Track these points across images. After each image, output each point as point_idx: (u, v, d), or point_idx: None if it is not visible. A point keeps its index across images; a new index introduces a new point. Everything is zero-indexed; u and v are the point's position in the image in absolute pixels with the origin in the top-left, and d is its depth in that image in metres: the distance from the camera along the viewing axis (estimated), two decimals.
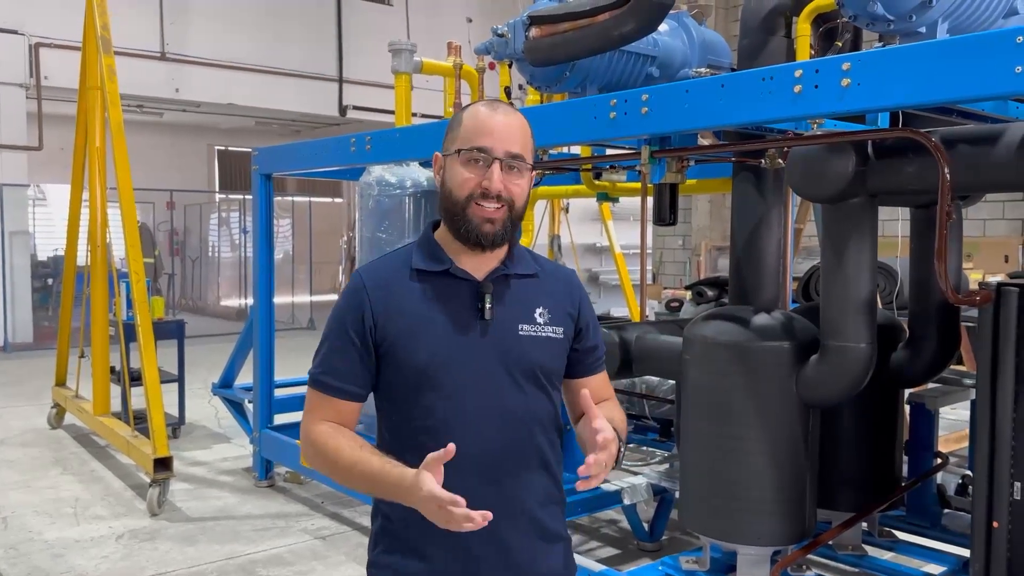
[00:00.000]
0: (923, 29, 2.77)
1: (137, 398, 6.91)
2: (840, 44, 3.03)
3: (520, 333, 1.70)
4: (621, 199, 5.90)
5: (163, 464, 5.00)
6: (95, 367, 6.36)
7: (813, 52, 3.08)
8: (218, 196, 18.30)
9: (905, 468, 3.86)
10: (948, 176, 2.36)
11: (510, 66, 4.01)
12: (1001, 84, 2.17)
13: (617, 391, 5.46)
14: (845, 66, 2.46)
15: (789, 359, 2.98)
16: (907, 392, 3.91)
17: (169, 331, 6.98)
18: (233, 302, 16.67)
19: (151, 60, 12.84)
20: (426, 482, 1.45)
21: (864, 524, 3.63)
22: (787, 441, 3.00)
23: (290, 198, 17.04)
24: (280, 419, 5.64)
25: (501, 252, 1.72)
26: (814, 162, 2.77)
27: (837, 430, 3.37)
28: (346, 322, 1.67)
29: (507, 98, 4.44)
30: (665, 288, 12.80)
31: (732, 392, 3.04)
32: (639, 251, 4.63)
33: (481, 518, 1.43)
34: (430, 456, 1.46)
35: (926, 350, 3.26)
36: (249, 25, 13.57)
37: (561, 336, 1.75)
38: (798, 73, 2.58)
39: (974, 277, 7.49)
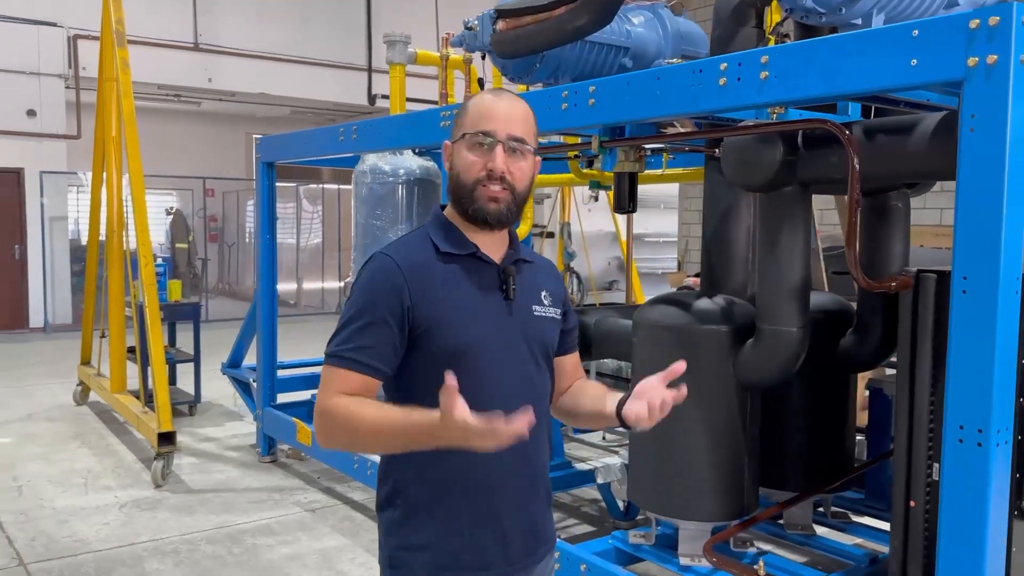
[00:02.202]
0: (858, 20, 2.84)
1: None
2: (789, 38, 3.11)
3: (535, 313, 1.79)
4: (651, 187, 5.98)
5: (167, 438, 5.26)
6: (112, 347, 6.66)
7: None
8: (255, 183, 18.71)
9: (866, 453, 3.94)
10: (856, 166, 2.45)
11: (483, 58, 4.13)
12: (897, 77, 2.26)
13: (604, 376, 5.60)
14: (763, 59, 2.56)
15: (727, 342, 3.08)
16: (867, 378, 3.99)
17: (186, 313, 7.27)
18: None
19: (184, 50, 13.18)
20: (465, 418, 1.41)
21: (821, 507, 3.72)
22: (725, 421, 3.11)
23: (321, 186, 17.33)
24: (284, 398, 5.89)
25: (506, 236, 1.79)
26: (744, 152, 2.86)
27: (786, 412, 3.46)
28: (379, 302, 1.65)
29: (480, 89, 4.56)
30: (688, 276, 12.80)
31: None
32: (669, 239, 4.67)
33: (525, 422, 1.43)
34: (445, 392, 1.41)
35: (872, 335, 3.33)
36: (279, 15, 13.84)
37: (559, 317, 1.86)
38: (723, 66, 2.67)
39: None
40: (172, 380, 7.57)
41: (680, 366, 1.66)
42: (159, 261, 7.41)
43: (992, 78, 2.06)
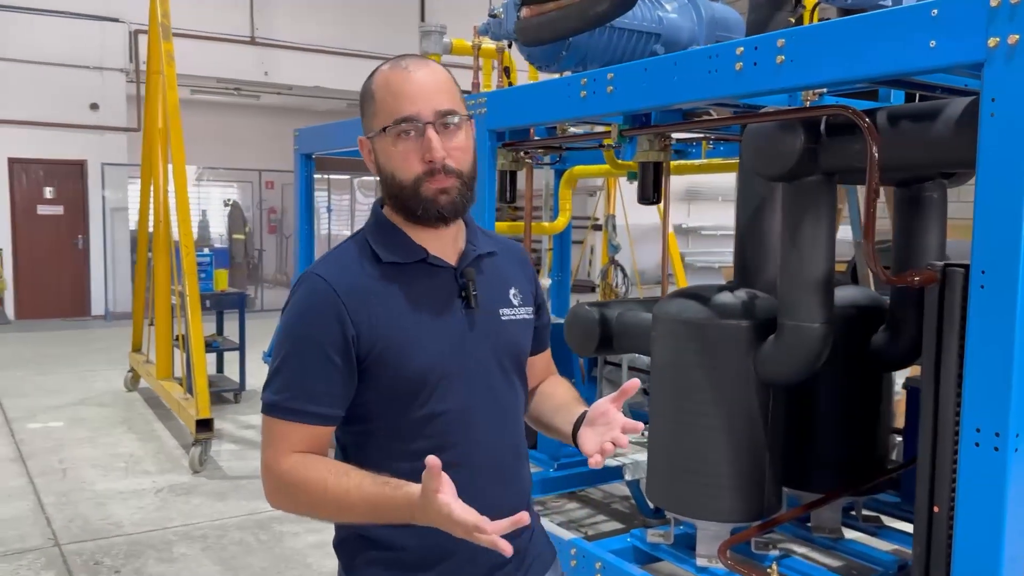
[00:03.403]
0: (888, 2, 2.72)
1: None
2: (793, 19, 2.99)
3: (503, 318, 1.56)
4: (707, 177, 5.86)
5: (205, 425, 5.34)
6: (158, 335, 6.81)
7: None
8: (316, 176, 19.00)
9: (902, 454, 3.79)
10: (876, 154, 2.33)
11: (509, 46, 4.08)
12: (916, 60, 2.14)
13: (638, 370, 5.51)
14: (780, 43, 2.45)
15: (747, 337, 2.98)
16: (905, 377, 3.84)
17: (232, 303, 7.39)
18: None
19: (242, 44, 13.43)
20: (451, 506, 1.25)
21: (853, 510, 3.59)
22: (745, 419, 3.01)
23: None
24: None
25: (461, 228, 1.55)
26: (764, 140, 2.76)
27: (814, 411, 3.34)
28: (317, 336, 1.41)
29: (507, 78, 4.52)
30: None
31: (692, 369, 3.06)
32: (727, 232, 4.57)
33: (507, 547, 1.25)
34: (429, 474, 1.26)
35: (905, 332, 3.19)
36: (334, 9, 13.99)
37: (531, 316, 1.63)
38: (739, 51, 2.57)
39: None
40: (219, 368, 7.74)
41: (633, 384, 1.43)
42: (206, 251, 7.57)
43: (1014, 59, 1.93)
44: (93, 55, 12.48)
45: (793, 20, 3.00)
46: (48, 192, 12.54)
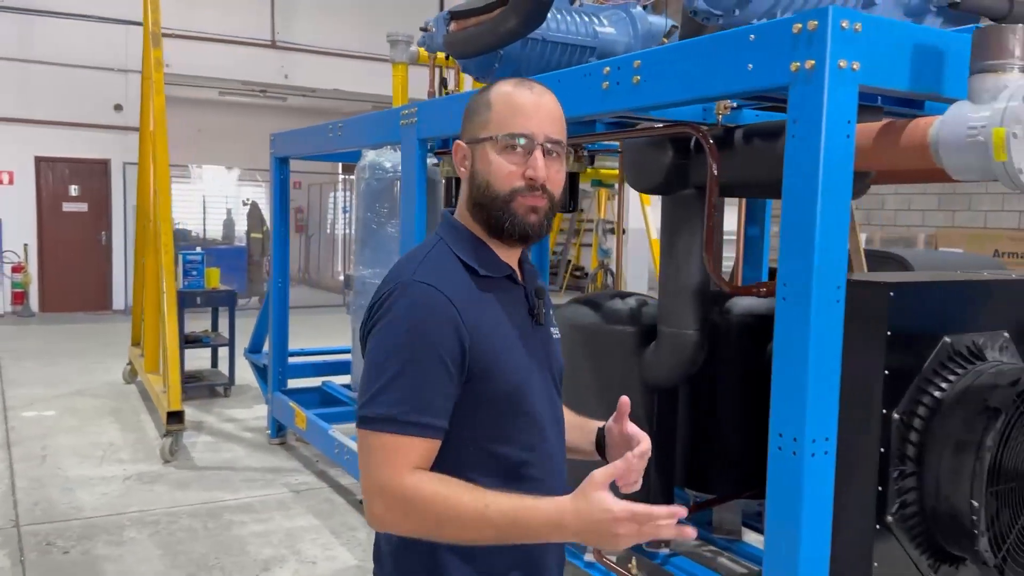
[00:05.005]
0: (756, 21, 2.82)
1: (192, 361, 7.66)
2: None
3: (554, 336, 1.62)
4: None
5: (175, 417, 5.57)
6: (147, 330, 7.08)
7: None
8: (341, 176, 19.34)
9: None
10: (715, 171, 2.44)
11: (447, 58, 4.22)
12: (738, 82, 2.25)
13: None
14: (636, 64, 2.57)
15: (632, 343, 3.10)
16: None
17: (222, 300, 7.64)
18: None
19: (263, 48, 13.77)
20: (611, 500, 1.26)
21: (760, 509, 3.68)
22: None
23: None
24: (294, 383, 6.18)
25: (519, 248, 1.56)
26: (637, 155, 2.88)
27: (713, 415, 3.44)
28: (434, 343, 1.36)
29: (445, 88, 4.67)
30: None
31: (584, 372, 3.19)
32: (729, 238, 4.52)
33: (692, 531, 1.32)
34: (603, 473, 1.30)
35: None
36: (353, 13, 14.26)
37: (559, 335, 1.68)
38: (606, 70, 2.70)
39: None
40: (214, 363, 8.01)
41: (624, 402, 1.55)
42: (197, 250, 7.84)
43: (811, 83, 2.03)
44: (117, 57, 12.88)
45: (666, 40, 3.10)
46: (73, 190, 12.98)
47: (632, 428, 1.57)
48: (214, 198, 17.15)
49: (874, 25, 2.06)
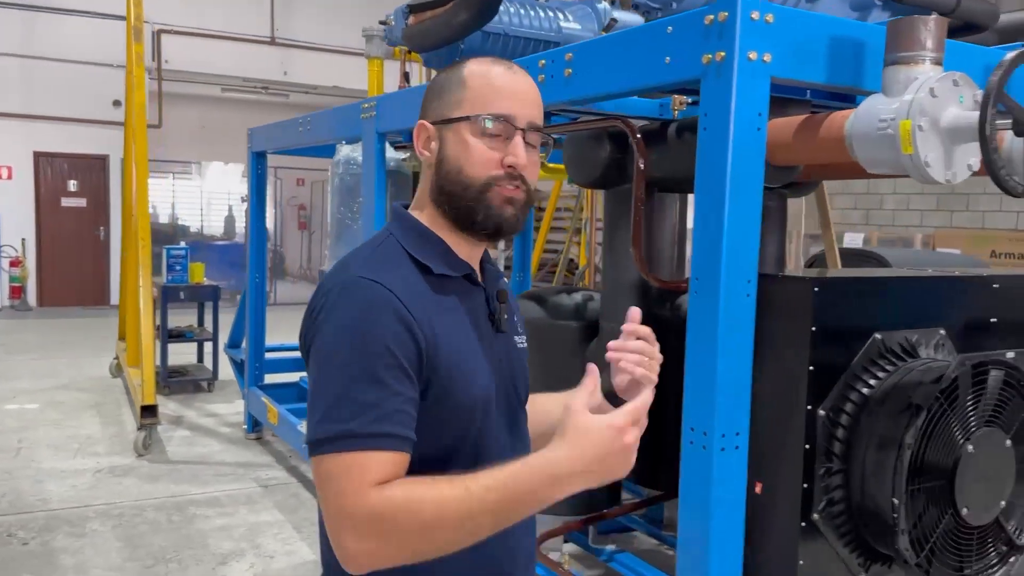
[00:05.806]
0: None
1: (179, 356, 7.69)
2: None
3: (518, 346, 1.44)
4: None
5: (149, 411, 5.59)
6: (128, 324, 7.11)
7: None
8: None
9: None
10: (642, 166, 2.42)
11: (408, 52, 4.22)
12: (656, 75, 2.23)
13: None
14: (568, 56, 2.56)
15: (575, 338, 3.09)
16: None
17: (206, 295, 7.67)
18: None
19: (262, 45, 13.82)
20: (606, 416, 1.17)
21: None
22: None
23: None
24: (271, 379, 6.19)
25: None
26: (576, 149, 2.86)
27: (660, 412, 3.41)
28: (387, 345, 1.17)
29: (407, 82, 4.66)
30: None
31: (533, 366, 3.17)
32: None
33: None
34: (579, 400, 1.19)
35: None
36: (352, 9, 14.27)
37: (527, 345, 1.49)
38: (541, 63, 2.69)
39: None
40: (200, 358, 8.04)
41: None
42: (181, 245, 7.87)
43: (721, 76, 2.01)
44: (117, 54, 12.91)
45: (604, 32, 3.09)
46: (72, 185, 13.07)
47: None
48: (216, 195, 17.22)
49: (787, 16, 2.03)
